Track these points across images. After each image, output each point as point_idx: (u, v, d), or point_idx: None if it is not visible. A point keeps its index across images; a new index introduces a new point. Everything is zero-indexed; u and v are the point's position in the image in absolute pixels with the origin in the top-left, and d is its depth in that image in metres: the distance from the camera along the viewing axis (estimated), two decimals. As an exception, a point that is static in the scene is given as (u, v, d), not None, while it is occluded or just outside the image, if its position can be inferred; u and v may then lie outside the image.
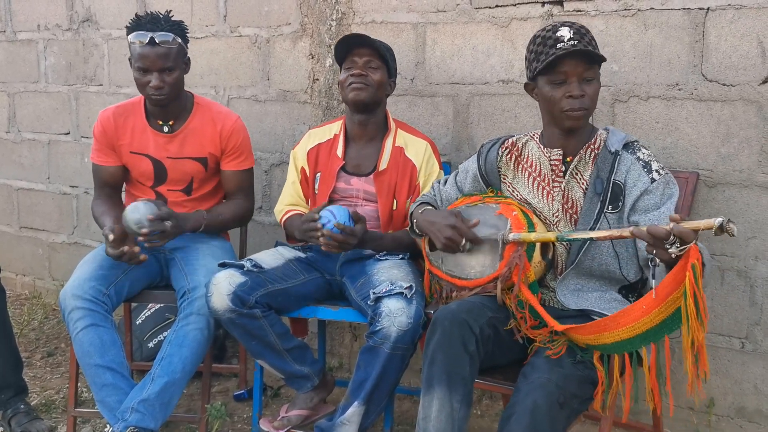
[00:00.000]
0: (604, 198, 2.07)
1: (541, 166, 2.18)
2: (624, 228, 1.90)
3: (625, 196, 2.06)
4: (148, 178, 2.78)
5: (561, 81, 2.05)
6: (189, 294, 2.54)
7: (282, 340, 2.48)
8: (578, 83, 2.03)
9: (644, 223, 2.01)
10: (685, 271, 1.69)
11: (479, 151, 2.33)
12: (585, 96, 2.04)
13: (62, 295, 2.52)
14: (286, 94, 3.32)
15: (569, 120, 2.06)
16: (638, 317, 1.81)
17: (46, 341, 3.70)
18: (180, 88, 2.70)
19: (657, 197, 2.03)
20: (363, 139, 2.65)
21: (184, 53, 2.69)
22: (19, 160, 4.31)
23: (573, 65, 2.02)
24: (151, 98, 2.64)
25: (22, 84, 4.21)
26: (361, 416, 2.32)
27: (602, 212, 2.07)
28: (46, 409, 2.97)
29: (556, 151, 2.14)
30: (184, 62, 2.70)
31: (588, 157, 2.12)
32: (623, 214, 2.06)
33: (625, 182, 2.06)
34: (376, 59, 2.55)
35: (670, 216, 1.75)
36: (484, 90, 2.86)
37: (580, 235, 1.98)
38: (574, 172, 2.13)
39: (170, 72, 2.61)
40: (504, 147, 2.26)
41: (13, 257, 4.37)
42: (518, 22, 2.75)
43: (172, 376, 2.45)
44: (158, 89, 2.60)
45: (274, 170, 3.39)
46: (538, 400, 1.83)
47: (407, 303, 2.28)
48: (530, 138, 2.24)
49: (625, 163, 2.07)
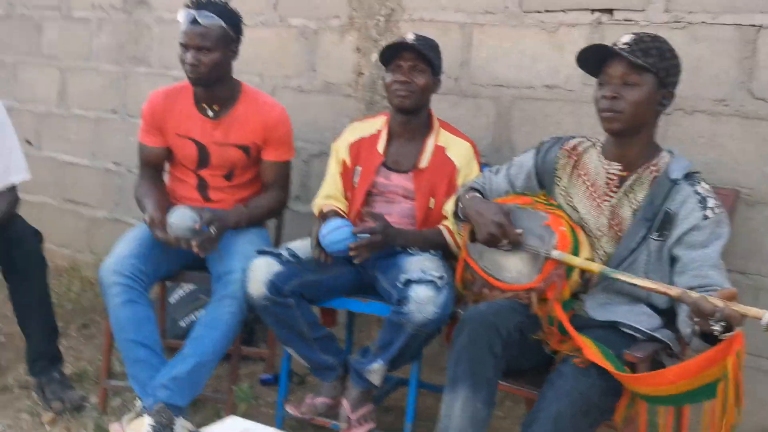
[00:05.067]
0: (652, 224, 2.05)
1: (597, 177, 2.16)
2: (672, 287, 1.88)
3: (674, 227, 2.03)
4: (191, 161, 2.84)
5: (605, 82, 2.06)
6: (224, 277, 2.59)
7: (311, 330, 2.53)
8: (616, 85, 2.03)
9: (686, 259, 1.99)
10: (726, 355, 1.66)
11: (538, 149, 2.31)
12: (620, 99, 2.03)
13: (102, 269, 2.59)
14: (330, 86, 3.36)
15: (604, 122, 2.07)
16: (663, 384, 1.80)
17: (82, 313, 3.80)
18: (220, 72, 2.72)
19: (705, 236, 1.99)
20: (405, 136, 2.67)
21: (229, 39, 2.71)
22: (66, 134, 4.41)
23: (615, 66, 2.04)
24: (188, 76, 2.70)
25: (74, 61, 4.31)
26: (385, 373, 2.47)
27: (647, 237, 2.05)
28: (79, 379, 3.05)
29: (615, 165, 2.12)
30: (229, 48, 2.72)
31: (645, 178, 2.09)
32: (667, 243, 2.04)
33: (678, 213, 2.03)
34: (421, 63, 2.56)
35: (720, 292, 1.72)
36: (528, 94, 2.86)
37: (625, 278, 1.95)
38: (628, 190, 2.10)
39: (207, 52, 2.65)
40: (564, 149, 2.25)
41: (55, 229, 4.47)
42: (566, 28, 2.75)
43: (203, 356, 2.51)
44: (193, 67, 2.65)
45: (314, 161, 3.43)
46: (562, 408, 1.84)
47: (437, 292, 2.30)
48: (592, 145, 2.22)
49: (682, 193, 2.04)
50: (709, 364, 1.70)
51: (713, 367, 1.70)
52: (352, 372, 2.52)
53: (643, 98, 2.04)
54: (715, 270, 1.97)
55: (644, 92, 2.04)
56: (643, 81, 2.03)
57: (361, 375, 2.48)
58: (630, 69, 2.02)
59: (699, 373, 1.73)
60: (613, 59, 2.04)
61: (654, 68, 2.02)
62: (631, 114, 2.04)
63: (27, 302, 2.85)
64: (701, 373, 1.73)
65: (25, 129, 4.52)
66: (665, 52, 2.05)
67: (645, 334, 2.04)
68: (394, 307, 2.35)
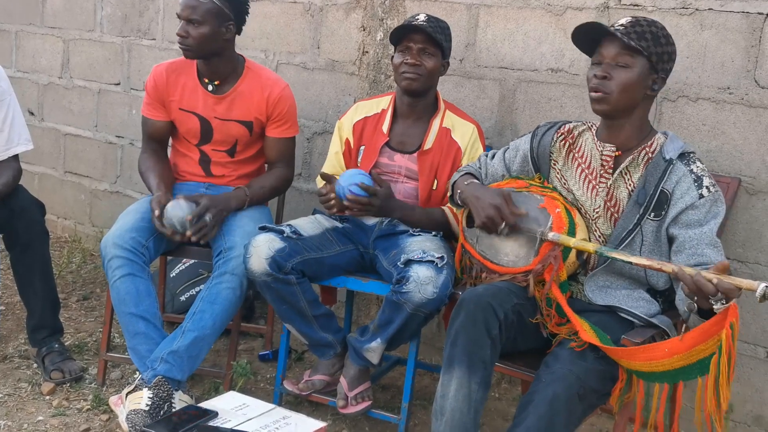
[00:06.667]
0: (648, 204, 2.06)
1: (592, 159, 2.17)
2: (667, 263, 1.89)
3: (670, 206, 2.04)
4: (194, 135, 2.84)
5: (598, 62, 2.08)
6: (225, 253, 2.60)
7: (311, 307, 2.54)
8: (609, 65, 2.04)
9: (682, 238, 2.01)
10: (720, 327, 1.67)
11: (534, 133, 2.32)
12: (610, 80, 2.03)
13: (104, 242, 2.60)
14: (334, 64, 3.35)
15: (593, 103, 2.08)
16: (658, 357, 1.81)
17: (82, 285, 3.82)
18: (214, 47, 2.71)
19: (702, 214, 2.01)
20: (411, 117, 2.66)
21: (223, 16, 2.69)
22: (69, 106, 4.40)
23: (608, 47, 2.05)
24: (179, 47, 2.71)
25: (78, 32, 4.29)
26: (383, 352, 2.50)
27: (643, 217, 2.07)
28: (79, 350, 3.07)
29: (609, 146, 2.12)
30: (222, 24, 2.70)
31: (641, 160, 2.10)
32: (664, 223, 2.05)
33: (673, 192, 2.04)
34: (431, 46, 2.54)
35: (716, 265, 1.73)
36: (532, 77, 2.86)
37: (620, 255, 1.97)
38: (623, 172, 2.12)
39: (197, 25, 2.65)
40: (559, 133, 2.25)
41: (56, 200, 4.49)
42: (573, 11, 2.73)
43: (202, 331, 2.52)
44: (181, 38, 2.68)
45: (316, 138, 3.43)
46: (557, 390, 1.86)
47: (437, 272, 2.31)
48: (587, 128, 2.23)
49: (677, 173, 2.05)
50: (705, 338, 1.72)
51: (708, 340, 1.71)
52: (351, 350, 2.54)
53: (632, 81, 2.04)
54: (712, 248, 1.99)
55: (634, 75, 2.04)
56: (634, 63, 2.03)
57: (360, 353, 2.50)
58: (623, 50, 2.03)
59: (694, 347, 1.74)
60: (607, 39, 2.05)
61: (647, 52, 2.02)
62: (619, 95, 2.05)
63: (29, 273, 2.86)
64: (696, 347, 1.74)
65: (28, 99, 4.51)
66: (660, 37, 2.05)
67: (642, 319, 2.06)
68: (394, 286, 2.36)
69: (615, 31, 2.03)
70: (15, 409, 2.60)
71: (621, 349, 1.91)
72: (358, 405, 2.53)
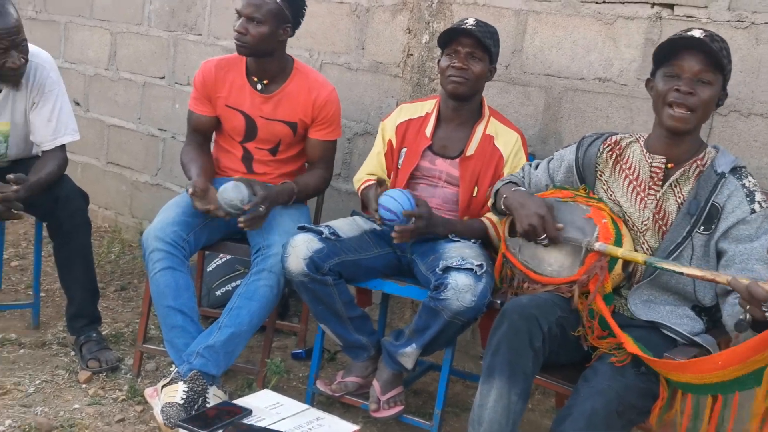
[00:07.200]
0: (698, 218, 2.02)
1: (641, 170, 2.13)
2: (720, 274, 1.84)
3: (720, 220, 2.00)
4: (238, 133, 2.86)
5: (675, 74, 2.00)
6: (263, 251, 2.61)
7: (346, 308, 2.54)
8: (691, 80, 1.98)
9: (732, 253, 1.96)
10: None
11: (579, 143, 2.29)
12: (694, 96, 1.98)
13: (145, 235, 2.63)
14: (378, 65, 3.34)
15: (671, 120, 2.00)
16: (710, 370, 1.76)
17: (120, 275, 3.86)
18: (269, 47, 2.73)
19: (753, 229, 1.97)
20: (455, 122, 2.64)
21: (283, 17, 2.71)
22: (114, 97, 4.46)
23: (690, 60, 1.97)
24: (235, 43, 2.71)
25: (126, 25, 4.34)
26: (417, 357, 2.48)
27: (692, 231, 2.03)
28: (115, 340, 3.10)
29: (659, 158, 2.09)
30: (280, 26, 2.72)
31: (692, 173, 2.06)
32: (713, 237, 2.01)
33: (724, 206, 2.00)
34: (479, 50, 2.53)
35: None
36: (579, 86, 2.83)
37: (671, 266, 1.93)
38: (673, 185, 2.08)
39: (257, 24, 2.66)
40: (606, 144, 2.22)
41: (98, 191, 4.54)
42: (624, 20, 2.69)
43: (239, 327, 2.53)
44: (239, 35, 2.68)
45: (357, 139, 3.42)
46: (596, 405, 1.83)
47: (476, 280, 2.29)
48: (635, 140, 2.19)
49: (729, 187, 2.01)
50: (762, 348, 1.67)
51: (765, 350, 1.66)
52: (385, 354, 2.54)
53: (714, 98, 2.01)
54: (762, 264, 1.94)
55: (715, 92, 2.01)
56: (716, 80, 2.00)
57: (394, 357, 2.49)
58: (707, 66, 1.97)
59: (749, 358, 1.68)
60: (688, 52, 1.98)
61: (725, 70, 1.99)
62: (702, 113, 2.01)
63: (70, 262, 2.90)
64: (752, 358, 1.68)
65: (74, 90, 4.58)
66: (729, 54, 2.01)
67: (686, 338, 2.02)
68: (432, 292, 2.35)
69: (711, 45, 1.95)
70: (52, 395, 2.64)
71: (670, 361, 1.86)
72: (390, 409, 2.52)
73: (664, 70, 2.03)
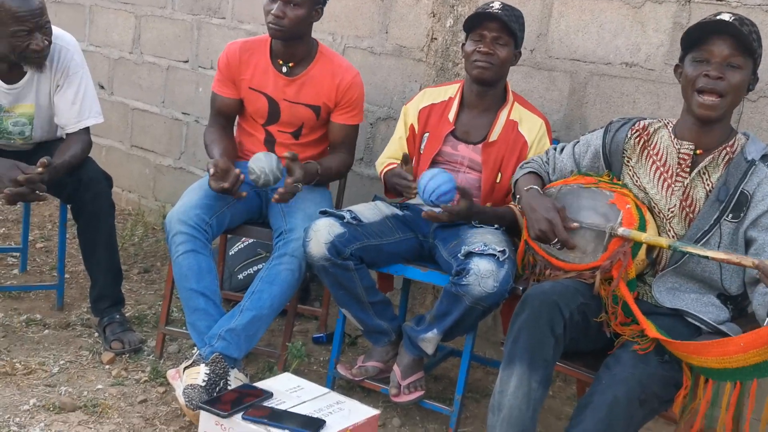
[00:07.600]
0: (727, 205, 1.99)
1: (668, 157, 2.10)
2: (746, 257, 1.81)
3: (750, 208, 1.97)
4: (261, 116, 2.85)
5: (704, 59, 1.96)
6: (285, 235, 2.61)
7: (368, 293, 2.54)
8: (720, 65, 1.94)
9: (762, 241, 1.93)
10: None
11: (607, 128, 2.26)
12: (724, 80, 1.93)
13: (168, 218, 2.64)
14: (402, 49, 3.32)
15: (701, 108, 1.96)
16: (732, 352, 1.74)
17: (143, 258, 3.89)
18: (302, 30, 2.73)
19: None
20: (478, 107, 2.62)
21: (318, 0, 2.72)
22: (138, 81, 4.48)
23: (719, 45, 1.93)
24: (270, 27, 2.69)
25: (150, 8, 4.35)
26: (438, 342, 2.48)
27: (721, 219, 2.00)
28: (138, 322, 3.13)
29: (687, 144, 2.05)
30: (314, 8, 2.72)
31: (721, 160, 2.03)
32: (742, 225, 1.98)
33: (754, 194, 1.97)
34: (505, 35, 2.50)
35: None
36: (605, 71, 2.78)
37: (696, 250, 1.90)
38: (702, 171, 2.05)
39: (294, 6, 2.65)
40: (634, 129, 2.19)
41: (122, 173, 4.58)
42: (652, 4, 2.65)
43: (260, 311, 2.54)
44: (277, 18, 2.65)
45: (380, 124, 3.41)
46: (618, 394, 1.82)
47: (498, 266, 2.27)
48: (663, 125, 2.15)
49: (759, 174, 1.98)
50: None
51: None
52: (406, 339, 2.53)
53: (744, 82, 1.97)
54: None
55: (745, 76, 1.97)
56: (746, 65, 1.96)
57: (415, 343, 2.49)
58: (737, 50, 1.93)
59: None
60: (719, 37, 1.93)
61: (755, 54, 1.95)
62: (733, 98, 1.97)
63: (94, 244, 2.93)
64: None
65: (99, 73, 4.60)
66: (760, 38, 1.97)
67: (711, 326, 1.99)
68: (454, 278, 2.34)
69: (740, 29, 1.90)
70: (76, 376, 2.67)
71: (692, 343, 1.84)
72: (410, 394, 2.52)
73: (692, 56, 1.99)
